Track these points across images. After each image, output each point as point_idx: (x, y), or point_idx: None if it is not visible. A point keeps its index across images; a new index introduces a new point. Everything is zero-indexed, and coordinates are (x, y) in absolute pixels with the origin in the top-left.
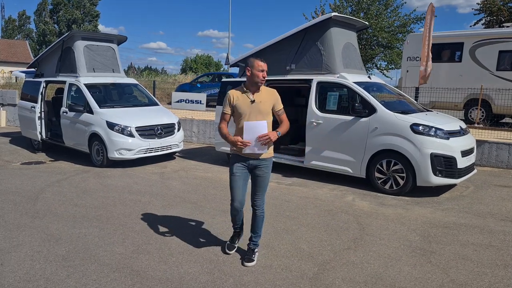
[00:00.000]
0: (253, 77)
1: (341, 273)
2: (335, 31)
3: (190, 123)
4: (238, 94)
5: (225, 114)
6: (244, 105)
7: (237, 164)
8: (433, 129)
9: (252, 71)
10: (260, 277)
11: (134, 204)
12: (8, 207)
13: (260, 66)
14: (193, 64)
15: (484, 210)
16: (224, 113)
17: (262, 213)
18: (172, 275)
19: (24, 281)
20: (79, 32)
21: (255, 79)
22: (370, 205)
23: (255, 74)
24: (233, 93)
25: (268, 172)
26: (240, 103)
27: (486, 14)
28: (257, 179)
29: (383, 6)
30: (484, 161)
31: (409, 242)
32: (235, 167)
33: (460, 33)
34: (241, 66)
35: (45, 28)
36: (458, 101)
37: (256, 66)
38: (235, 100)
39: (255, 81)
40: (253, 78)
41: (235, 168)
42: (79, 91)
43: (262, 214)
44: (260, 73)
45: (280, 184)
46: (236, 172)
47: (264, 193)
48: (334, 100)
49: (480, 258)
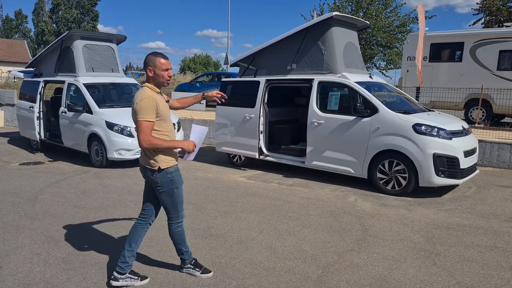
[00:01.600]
0: (157, 77)
1: (345, 275)
2: (336, 31)
3: (190, 123)
4: (158, 97)
5: (152, 123)
6: (165, 107)
7: (179, 172)
8: (436, 129)
9: (155, 71)
10: (263, 280)
11: (134, 205)
12: (7, 208)
13: (164, 65)
14: (191, 64)
15: (487, 211)
16: (149, 122)
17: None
18: (174, 278)
19: (23, 284)
20: (78, 31)
21: (160, 80)
22: (373, 206)
23: (160, 74)
24: (154, 96)
25: None
26: (163, 106)
27: (485, 14)
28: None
29: (382, 5)
30: (485, 161)
31: (413, 243)
32: (181, 176)
33: (461, 33)
34: (242, 66)
35: (44, 28)
36: (459, 101)
37: (159, 65)
38: (158, 104)
39: (160, 82)
40: (157, 78)
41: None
42: (78, 91)
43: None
44: (164, 72)
45: (282, 185)
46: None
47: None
48: (335, 100)
49: (485, 260)
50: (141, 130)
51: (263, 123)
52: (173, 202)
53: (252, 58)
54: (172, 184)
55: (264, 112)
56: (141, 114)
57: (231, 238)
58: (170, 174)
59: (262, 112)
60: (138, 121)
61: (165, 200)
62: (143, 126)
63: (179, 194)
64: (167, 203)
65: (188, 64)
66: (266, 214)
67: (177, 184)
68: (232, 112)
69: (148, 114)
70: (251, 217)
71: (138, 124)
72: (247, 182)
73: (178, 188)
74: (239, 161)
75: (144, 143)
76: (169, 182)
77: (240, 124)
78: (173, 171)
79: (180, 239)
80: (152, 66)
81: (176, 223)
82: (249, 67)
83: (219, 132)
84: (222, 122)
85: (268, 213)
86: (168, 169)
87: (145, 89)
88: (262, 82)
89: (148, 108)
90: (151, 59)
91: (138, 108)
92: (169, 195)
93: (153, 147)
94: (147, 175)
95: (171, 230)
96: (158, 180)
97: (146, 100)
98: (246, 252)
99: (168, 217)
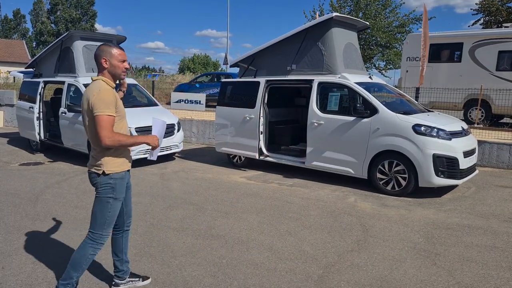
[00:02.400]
0: (113, 68)
1: (346, 275)
2: (336, 31)
3: (190, 124)
4: (115, 92)
5: (113, 118)
6: (121, 103)
7: (124, 182)
8: (435, 130)
9: (111, 61)
10: (264, 280)
11: (135, 205)
12: (8, 209)
13: (120, 55)
14: (190, 64)
15: (486, 211)
16: (110, 117)
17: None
18: (176, 278)
19: (26, 285)
20: (78, 32)
21: (117, 71)
22: (373, 206)
23: (116, 65)
24: (113, 90)
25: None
26: (120, 102)
27: (484, 14)
28: (128, 191)
29: (381, 6)
30: (484, 162)
31: (413, 243)
32: (124, 187)
33: (460, 33)
34: (242, 66)
35: (42, 28)
36: (458, 101)
37: (115, 55)
38: (118, 100)
39: (117, 74)
40: (114, 70)
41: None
42: (78, 91)
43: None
44: (121, 63)
45: (282, 185)
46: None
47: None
48: (335, 101)
49: (485, 260)
50: (102, 126)
51: (263, 124)
52: (103, 216)
53: (252, 58)
54: (110, 193)
55: (264, 112)
56: (101, 108)
57: (232, 239)
58: (113, 180)
59: (262, 113)
60: (97, 116)
61: (95, 210)
62: (104, 121)
63: (114, 209)
64: (96, 214)
65: (187, 64)
66: (266, 214)
67: (116, 194)
68: (232, 113)
69: (109, 108)
70: (251, 218)
71: (97, 119)
72: (247, 182)
73: (116, 200)
74: (239, 161)
75: (107, 139)
76: (109, 189)
77: (240, 124)
78: (119, 178)
79: (81, 263)
80: (107, 57)
81: (93, 244)
82: (249, 68)
83: (219, 133)
84: (222, 122)
85: (268, 213)
86: (112, 175)
87: (99, 81)
88: (262, 82)
89: (108, 102)
90: (105, 49)
91: (96, 101)
92: (102, 205)
93: (117, 144)
94: (91, 180)
95: (81, 249)
96: (98, 184)
97: (106, 93)
98: (247, 253)
99: (89, 232)
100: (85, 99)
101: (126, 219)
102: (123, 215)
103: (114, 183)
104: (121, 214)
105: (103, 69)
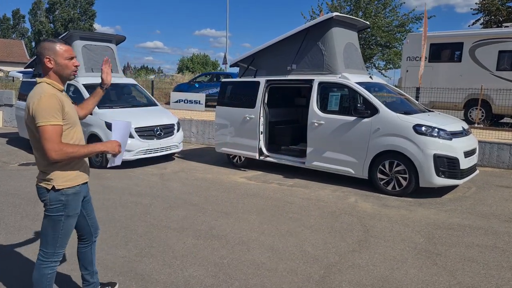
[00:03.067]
0: (61, 68)
1: (347, 276)
2: (336, 31)
3: (189, 124)
4: (62, 95)
5: (59, 127)
6: (73, 110)
7: (79, 197)
8: (436, 130)
9: (57, 60)
10: (266, 281)
11: (135, 206)
12: (8, 209)
13: (67, 52)
14: (189, 64)
15: (487, 211)
16: (56, 126)
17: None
18: (177, 279)
19: (26, 285)
20: (77, 32)
21: (65, 72)
22: (373, 207)
23: (64, 64)
24: (59, 95)
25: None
26: (69, 107)
27: (484, 14)
28: (88, 204)
29: (381, 5)
30: (485, 162)
31: (414, 244)
32: (79, 203)
33: (460, 33)
34: (241, 66)
35: (41, 28)
36: (458, 101)
37: (61, 53)
38: (64, 105)
39: (65, 74)
40: (61, 70)
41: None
42: (77, 91)
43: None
44: (69, 61)
45: (282, 186)
46: (79, 208)
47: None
48: (335, 101)
49: (486, 260)
50: (47, 138)
51: (263, 124)
52: (54, 235)
53: (252, 58)
54: (62, 211)
55: (264, 112)
56: (43, 117)
57: (233, 239)
58: (65, 197)
59: (262, 113)
60: (40, 127)
61: (44, 228)
62: (48, 133)
63: (67, 227)
64: (47, 232)
65: (186, 63)
66: (267, 215)
67: (69, 211)
68: (232, 113)
69: (53, 116)
70: (252, 218)
71: (40, 131)
72: (248, 183)
73: (69, 217)
74: (239, 161)
75: (54, 153)
76: (60, 207)
77: (240, 124)
78: (71, 193)
79: (43, 283)
80: (51, 55)
81: (48, 262)
82: (249, 68)
83: (219, 133)
84: (222, 122)
85: (269, 214)
86: (64, 190)
87: (42, 85)
88: (262, 82)
89: (51, 109)
90: (48, 46)
91: (38, 109)
92: (52, 224)
93: (66, 157)
94: (39, 196)
95: (37, 270)
96: (47, 201)
97: (47, 99)
98: (248, 253)
99: (41, 251)
100: (26, 107)
101: (93, 231)
102: (89, 227)
103: (66, 200)
104: (86, 226)
105: (47, 70)
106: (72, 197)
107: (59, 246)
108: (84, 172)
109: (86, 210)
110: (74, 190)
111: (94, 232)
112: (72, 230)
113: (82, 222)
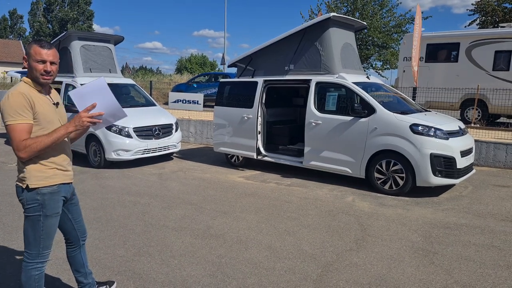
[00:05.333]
0: (30, 70)
1: (345, 274)
2: (334, 32)
3: (187, 124)
4: (34, 93)
5: (27, 125)
6: (48, 109)
7: (58, 197)
8: (433, 129)
9: (29, 61)
10: (263, 280)
11: (133, 205)
12: (6, 209)
13: (38, 54)
14: (187, 64)
15: (484, 210)
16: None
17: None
18: (175, 278)
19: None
20: (75, 32)
21: (34, 74)
22: (370, 206)
23: (33, 67)
24: (28, 91)
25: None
26: (42, 105)
27: (480, 14)
28: (75, 207)
29: (378, 6)
30: (481, 161)
31: (411, 243)
32: (59, 203)
33: (457, 33)
34: (239, 67)
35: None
36: (455, 101)
37: (32, 54)
38: (34, 102)
39: (34, 77)
40: (31, 72)
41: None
42: None
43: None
44: (38, 64)
45: (280, 185)
46: (59, 208)
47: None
48: (333, 101)
49: (482, 259)
50: (13, 137)
51: (261, 124)
52: (35, 236)
53: (250, 58)
54: (39, 211)
55: (262, 112)
56: (9, 116)
57: (231, 238)
58: (41, 196)
59: (260, 113)
60: (7, 126)
61: (25, 229)
62: (15, 131)
63: (47, 226)
64: (27, 233)
65: (184, 64)
66: (265, 214)
67: (47, 211)
68: (230, 113)
69: (20, 115)
70: (250, 217)
71: (8, 131)
72: (246, 182)
73: (48, 217)
74: (237, 161)
75: (21, 152)
76: (36, 207)
77: (238, 124)
78: (47, 193)
79: (32, 286)
80: (27, 56)
81: (33, 264)
82: (247, 68)
83: (217, 133)
84: (220, 122)
85: (267, 213)
86: (39, 189)
87: (19, 84)
88: (260, 82)
89: (17, 107)
90: (28, 47)
91: (5, 107)
92: (31, 224)
93: (32, 151)
94: (17, 195)
95: (24, 272)
96: (24, 201)
97: (13, 97)
98: (246, 252)
99: (25, 252)
100: None
101: (80, 236)
102: (75, 231)
103: (42, 199)
104: (72, 231)
105: (27, 69)
106: (49, 197)
107: (42, 247)
108: (64, 172)
109: (72, 214)
110: (50, 189)
111: (81, 237)
112: (55, 231)
113: (68, 225)
